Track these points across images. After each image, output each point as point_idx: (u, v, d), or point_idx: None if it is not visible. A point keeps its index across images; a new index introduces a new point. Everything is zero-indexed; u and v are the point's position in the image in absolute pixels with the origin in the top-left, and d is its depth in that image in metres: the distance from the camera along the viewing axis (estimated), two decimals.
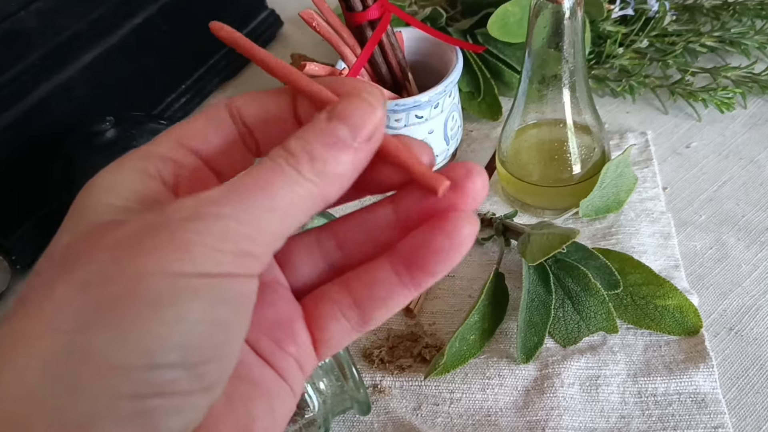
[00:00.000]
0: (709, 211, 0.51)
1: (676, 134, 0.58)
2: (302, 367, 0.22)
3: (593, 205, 0.50)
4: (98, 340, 0.17)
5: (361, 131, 0.19)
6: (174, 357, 0.17)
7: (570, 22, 0.43)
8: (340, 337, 0.22)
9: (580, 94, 0.48)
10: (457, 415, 0.42)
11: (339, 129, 0.19)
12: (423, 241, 0.21)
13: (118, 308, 0.17)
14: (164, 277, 0.17)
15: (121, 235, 0.18)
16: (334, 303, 0.22)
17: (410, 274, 0.21)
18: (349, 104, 0.20)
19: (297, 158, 0.19)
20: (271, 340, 0.22)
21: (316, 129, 0.19)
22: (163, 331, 0.17)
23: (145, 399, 0.17)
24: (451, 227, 0.20)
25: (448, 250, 0.20)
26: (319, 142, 0.19)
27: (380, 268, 0.22)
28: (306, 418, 0.39)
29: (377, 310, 0.22)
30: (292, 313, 0.22)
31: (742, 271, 0.47)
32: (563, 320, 0.44)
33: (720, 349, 0.43)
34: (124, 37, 0.60)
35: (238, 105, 0.22)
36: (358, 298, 0.22)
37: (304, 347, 0.22)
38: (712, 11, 0.63)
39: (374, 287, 0.22)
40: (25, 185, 0.54)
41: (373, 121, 0.20)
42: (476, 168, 0.21)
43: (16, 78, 0.52)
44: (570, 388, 0.42)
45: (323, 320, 0.22)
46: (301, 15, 0.49)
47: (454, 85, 0.53)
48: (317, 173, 0.19)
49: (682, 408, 0.41)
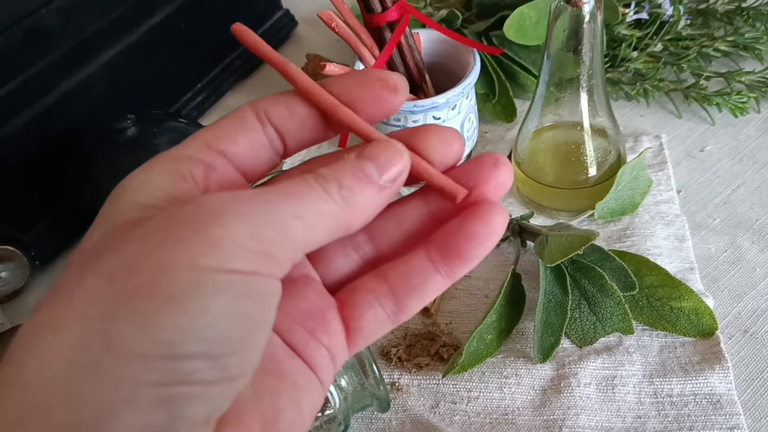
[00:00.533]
0: (724, 215, 0.52)
1: (690, 138, 0.58)
2: (334, 358, 0.22)
3: (608, 207, 0.50)
4: (121, 329, 0.17)
5: (387, 171, 0.21)
6: (197, 348, 0.17)
7: (589, 26, 0.44)
8: (375, 326, 0.23)
9: (597, 97, 0.48)
10: (475, 413, 0.42)
11: (367, 166, 0.21)
12: (458, 229, 0.22)
13: (142, 298, 0.17)
14: (190, 270, 0.17)
15: (149, 227, 0.18)
16: (369, 292, 0.23)
17: (445, 261, 0.22)
18: (377, 146, 0.21)
19: (327, 180, 0.20)
20: (304, 329, 0.22)
21: (347, 164, 0.21)
22: (186, 322, 0.17)
23: (168, 387, 0.17)
24: (485, 214, 0.21)
25: (483, 236, 0.21)
26: (349, 173, 0.20)
27: (416, 258, 0.22)
28: (327, 414, 0.39)
29: (412, 297, 0.22)
30: (324, 304, 0.23)
31: (756, 274, 0.48)
32: (579, 321, 0.45)
33: (735, 351, 0.44)
34: (142, 35, 0.60)
35: (264, 107, 0.22)
36: (393, 286, 0.22)
37: (336, 336, 0.22)
38: (726, 16, 0.64)
39: (409, 275, 0.22)
40: (44, 182, 0.55)
41: (400, 164, 0.21)
42: (502, 158, 0.23)
43: (37, 75, 0.53)
44: (586, 388, 0.42)
45: (358, 309, 0.22)
46: (320, 16, 0.50)
47: (471, 87, 0.53)
48: (343, 198, 0.20)
49: (698, 409, 0.41)
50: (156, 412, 0.17)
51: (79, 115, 0.56)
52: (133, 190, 0.20)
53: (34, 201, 0.55)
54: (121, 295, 0.17)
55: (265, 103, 0.22)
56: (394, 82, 0.22)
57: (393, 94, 0.22)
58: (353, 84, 0.22)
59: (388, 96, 0.22)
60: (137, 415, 0.17)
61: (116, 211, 0.20)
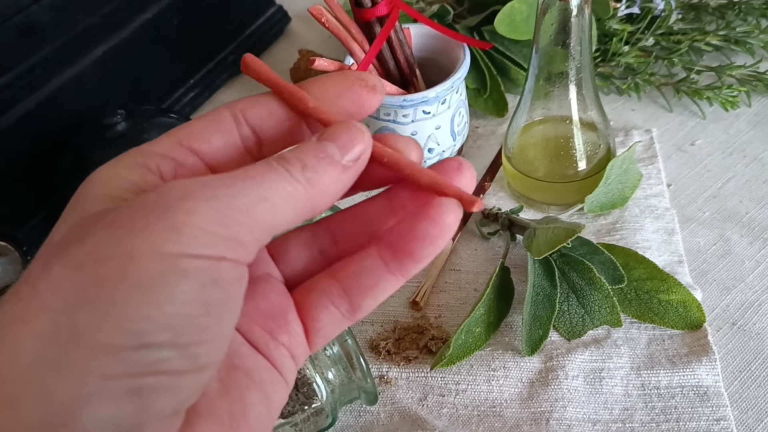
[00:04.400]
0: (713, 208, 0.52)
1: (681, 132, 0.58)
2: (294, 357, 0.22)
3: (598, 201, 0.50)
4: (87, 319, 0.17)
5: (349, 151, 0.21)
6: (164, 337, 0.17)
7: (577, 20, 0.44)
8: (331, 326, 0.23)
9: (586, 91, 0.48)
10: (463, 406, 0.43)
11: (328, 147, 0.21)
12: (409, 229, 0.21)
13: (108, 288, 0.17)
14: (156, 257, 0.17)
15: (113, 217, 0.18)
16: (323, 293, 0.23)
17: (397, 261, 0.22)
18: (338, 128, 0.21)
19: (289, 162, 0.20)
20: (264, 330, 0.22)
21: (309, 145, 0.21)
22: (153, 311, 0.17)
23: (136, 378, 0.17)
24: (436, 214, 0.21)
25: (433, 236, 0.21)
26: (311, 154, 0.20)
27: (367, 257, 0.22)
28: (314, 407, 0.39)
29: (365, 298, 0.23)
30: (284, 305, 0.23)
31: (745, 267, 0.48)
32: (568, 314, 0.45)
33: (723, 344, 0.44)
34: (135, 31, 0.60)
35: (242, 108, 0.22)
36: (346, 287, 0.23)
37: (296, 337, 0.22)
38: (718, 10, 0.64)
39: (362, 276, 0.22)
40: (36, 177, 0.55)
41: (361, 143, 0.21)
42: (465, 163, 0.23)
43: (29, 71, 0.53)
44: (574, 380, 0.43)
45: (314, 310, 0.23)
46: (311, 11, 0.50)
47: (461, 82, 0.53)
48: (307, 178, 0.20)
49: (685, 401, 0.41)
50: (124, 404, 0.17)
51: (71, 110, 0.56)
52: (99, 183, 0.20)
53: (26, 197, 0.55)
54: (87, 285, 0.17)
55: (243, 104, 0.22)
56: (372, 82, 0.23)
57: (372, 93, 0.23)
58: (332, 85, 0.23)
59: (367, 95, 0.23)
60: (105, 408, 0.17)
61: (82, 204, 0.20)
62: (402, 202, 0.23)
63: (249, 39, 0.73)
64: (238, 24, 0.72)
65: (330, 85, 0.23)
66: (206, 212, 0.18)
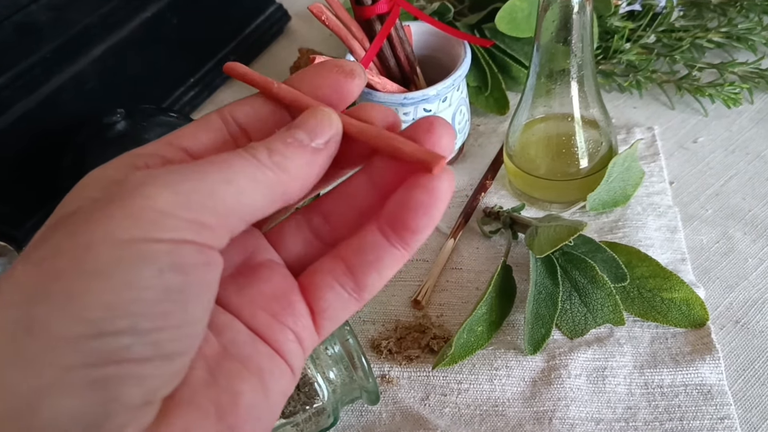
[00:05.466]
0: (716, 206, 0.52)
1: (683, 129, 0.58)
2: (301, 342, 0.22)
3: (600, 198, 0.50)
4: (42, 311, 0.17)
5: (318, 135, 0.21)
6: (123, 324, 0.17)
7: (579, 17, 0.43)
8: (338, 306, 0.22)
9: (588, 88, 0.48)
10: (465, 405, 0.42)
11: (296, 133, 0.21)
12: (403, 199, 0.21)
13: (64, 279, 0.17)
14: (112, 244, 0.17)
15: (81, 212, 0.18)
16: (328, 273, 0.22)
17: (396, 234, 0.22)
18: (306, 114, 0.21)
19: (255, 149, 0.20)
20: (267, 314, 0.22)
21: (277, 134, 0.21)
22: (111, 298, 0.17)
23: (98, 368, 0.17)
24: (427, 181, 0.21)
25: (428, 205, 0.21)
26: (278, 141, 0.21)
27: (368, 233, 0.22)
28: (315, 407, 0.39)
29: (370, 274, 0.22)
30: (288, 287, 0.23)
31: (748, 265, 0.48)
32: (570, 312, 0.45)
33: (726, 342, 0.44)
34: (134, 30, 0.60)
35: (229, 110, 0.23)
36: (350, 265, 0.22)
37: (302, 319, 0.22)
38: (719, 7, 0.63)
39: (364, 252, 0.22)
40: (36, 177, 0.55)
41: (329, 128, 0.21)
42: (437, 121, 0.22)
43: (28, 71, 0.53)
44: (577, 379, 0.42)
45: (319, 290, 0.22)
46: (311, 9, 0.49)
47: (462, 79, 0.53)
48: (275, 163, 0.20)
49: (689, 399, 0.41)
50: (87, 395, 0.17)
51: (71, 110, 0.56)
52: (87, 186, 0.20)
53: (26, 196, 0.55)
54: (44, 279, 0.17)
55: (231, 106, 0.23)
56: (350, 67, 0.23)
57: (350, 79, 0.23)
58: (312, 75, 0.23)
59: (344, 81, 0.23)
60: (68, 400, 0.17)
61: (61, 208, 0.20)
62: (380, 173, 0.23)
63: (249, 38, 0.72)
64: (238, 23, 0.72)
65: (310, 76, 0.23)
66: (166, 196, 0.18)
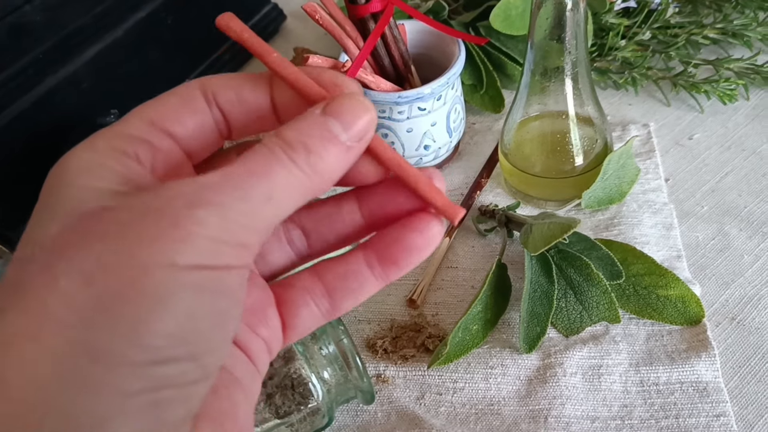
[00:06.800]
0: (712, 202, 0.52)
1: (679, 126, 0.58)
2: (270, 350, 0.23)
3: (596, 196, 0.50)
4: (105, 337, 0.16)
5: (353, 129, 0.20)
6: (182, 351, 0.17)
7: (572, 14, 0.43)
8: (309, 323, 0.23)
9: (582, 85, 0.48)
10: (460, 404, 0.42)
11: (333, 125, 0.20)
12: (397, 238, 0.22)
13: (122, 303, 0.16)
14: (170, 270, 0.17)
15: (118, 222, 0.17)
16: (306, 291, 0.23)
17: (382, 267, 0.23)
18: (342, 102, 0.20)
19: (293, 148, 0.19)
20: (244, 323, 0.22)
21: (311, 122, 0.20)
22: (173, 328, 0.17)
23: (155, 392, 0.17)
24: (423, 225, 0.22)
25: (420, 247, 0.22)
26: (315, 136, 0.19)
27: (353, 261, 0.23)
28: (310, 407, 0.39)
29: (347, 299, 0.23)
30: (265, 299, 0.23)
31: (744, 262, 0.47)
32: (566, 310, 0.45)
33: (722, 339, 0.44)
34: (128, 30, 0.60)
35: (213, 89, 0.21)
36: (330, 288, 0.23)
37: (274, 330, 0.23)
38: (715, 3, 0.63)
39: (347, 279, 0.23)
40: (31, 178, 0.54)
41: (366, 120, 0.20)
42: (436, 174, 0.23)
43: (21, 71, 0.52)
44: (572, 377, 0.42)
45: (294, 307, 0.23)
46: (304, 8, 0.49)
47: (456, 77, 0.53)
48: (311, 165, 0.19)
49: (684, 397, 0.41)
50: (143, 419, 0.17)
51: (65, 111, 0.56)
52: (82, 172, 0.19)
53: (21, 198, 0.55)
54: (100, 301, 0.16)
55: (215, 83, 0.22)
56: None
57: None
58: None
59: None
60: (127, 424, 0.17)
61: (69, 197, 0.18)
62: (373, 208, 0.23)
63: None
64: None
65: None
66: (215, 221, 0.17)
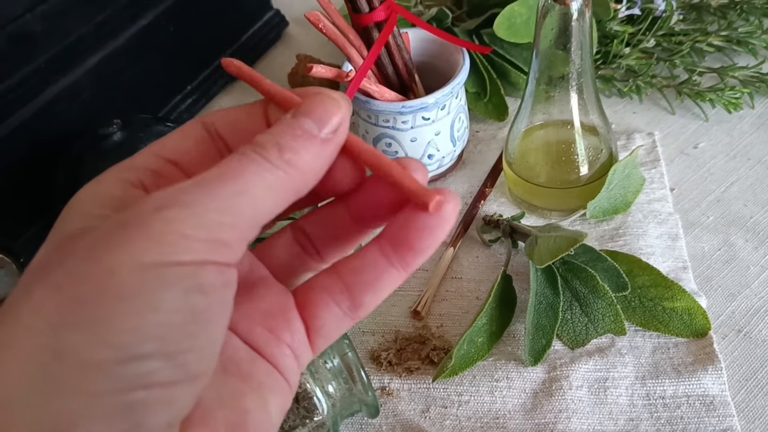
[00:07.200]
0: (717, 212, 0.51)
1: (684, 135, 0.57)
2: (297, 357, 0.22)
3: (601, 206, 0.49)
4: (71, 339, 0.17)
5: (326, 123, 0.20)
6: (150, 347, 0.17)
7: (578, 24, 0.43)
8: (333, 325, 0.22)
9: (587, 95, 0.47)
10: (466, 417, 0.42)
11: (305, 122, 0.20)
12: (408, 221, 0.21)
13: (89, 305, 0.17)
14: (135, 269, 0.17)
15: (92, 237, 0.18)
16: (324, 290, 0.22)
17: (398, 254, 0.21)
18: (312, 101, 0.20)
19: (265, 148, 0.19)
20: (264, 329, 0.22)
21: (283, 124, 0.20)
22: (137, 322, 0.17)
23: (127, 393, 0.17)
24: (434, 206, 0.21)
25: (434, 227, 0.21)
26: (287, 134, 0.20)
27: (369, 253, 0.22)
28: (315, 421, 0.39)
29: (367, 294, 0.22)
30: (285, 302, 0.22)
31: (750, 273, 0.47)
32: (571, 322, 0.44)
33: (728, 351, 0.43)
34: (129, 39, 0.60)
35: (212, 119, 0.22)
36: (348, 284, 0.22)
37: (298, 335, 0.22)
38: (719, 10, 0.63)
39: (363, 271, 0.22)
40: (32, 188, 0.54)
41: (337, 114, 0.20)
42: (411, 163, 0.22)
43: (22, 81, 0.52)
44: (578, 390, 0.42)
45: (315, 308, 0.22)
46: (307, 16, 0.49)
47: (460, 87, 0.53)
48: (286, 161, 0.19)
49: (691, 410, 0.40)
50: (116, 422, 0.17)
51: (66, 120, 0.55)
52: (81, 203, 0.20)
53: (22, 208, 0.55)
54: (68, 304, 0.17)
55: (214, 116, 0.22)
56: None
57: None
58: None
59: None
60: (97, 427, 0.17)
61: (62, 225, 0.19)
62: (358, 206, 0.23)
63: (246, 44, 0.72)
64: (235, 29, 0.72)
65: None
66: (185, 218, 0.17)
